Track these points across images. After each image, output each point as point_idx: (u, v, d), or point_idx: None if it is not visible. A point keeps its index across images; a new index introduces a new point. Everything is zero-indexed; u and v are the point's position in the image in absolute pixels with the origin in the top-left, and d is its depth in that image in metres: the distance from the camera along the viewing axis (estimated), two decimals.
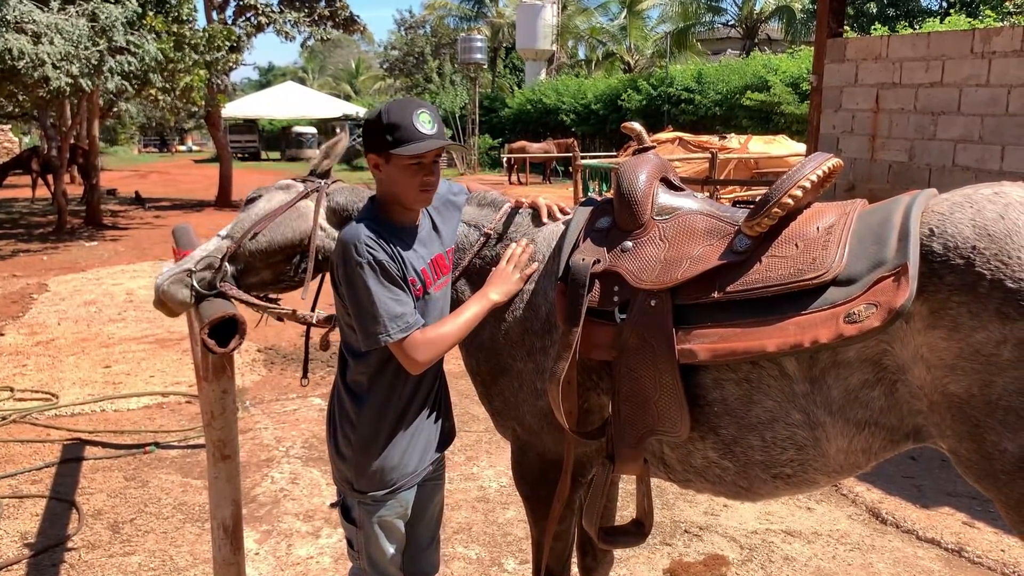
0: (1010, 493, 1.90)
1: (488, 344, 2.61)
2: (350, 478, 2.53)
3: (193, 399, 6.31)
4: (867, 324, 1.92)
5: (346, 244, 2.30)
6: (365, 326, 2.30)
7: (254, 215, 2.83)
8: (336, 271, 2.36)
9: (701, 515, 4.57)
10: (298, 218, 2.82)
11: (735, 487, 2.31)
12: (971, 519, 4.51)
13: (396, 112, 2.30)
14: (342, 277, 2.33)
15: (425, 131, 2.29)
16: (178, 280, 2.77)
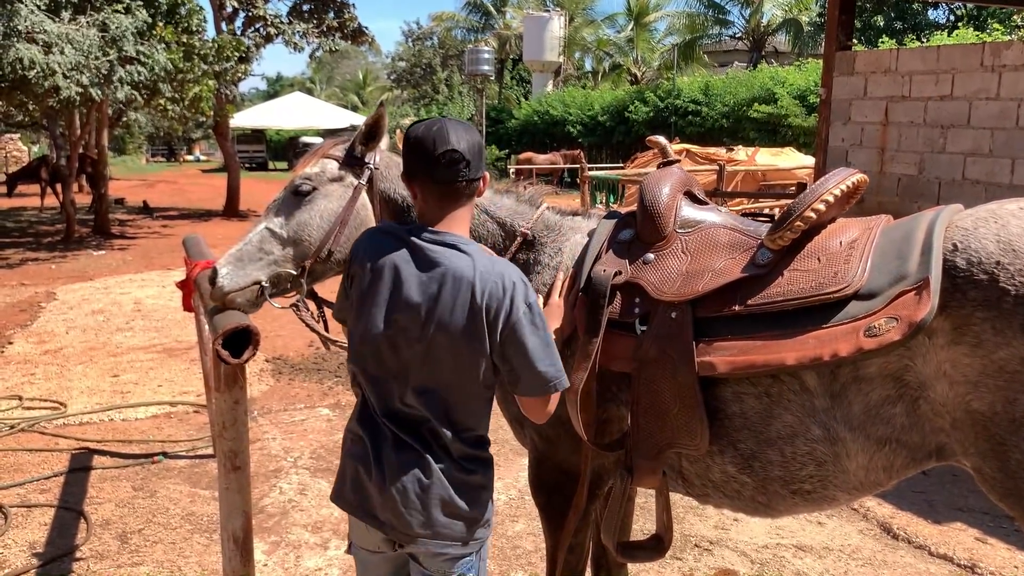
0: None
1: None
2: (465, 532, 2.19)
3: (201, 409, 6.30)
4: (887, 338, 1.91)
5: (523, 282, 2.09)
6: (547, 370, 2.07)
7: (318, 217, 2.64)
8: (496, 311, 2.05)
9: (712, 529, 4.54)
10: (362, 220, 2.66)
11: (754, 502, 2.30)
12: (984, 535, 4.47)
13: (419, 134, 2.14)
14: (513, 318, 2.05)
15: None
16: (249, 299, 2.67)
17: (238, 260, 2.64)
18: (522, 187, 2.83)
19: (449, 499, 2.13)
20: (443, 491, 2.13)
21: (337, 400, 6.74)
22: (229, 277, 2.64)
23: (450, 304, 2.06)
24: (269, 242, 2.66)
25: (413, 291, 2.09)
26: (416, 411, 2.14)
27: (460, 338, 2.07)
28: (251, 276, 2.64)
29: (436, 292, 2.07)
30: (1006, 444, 1.88)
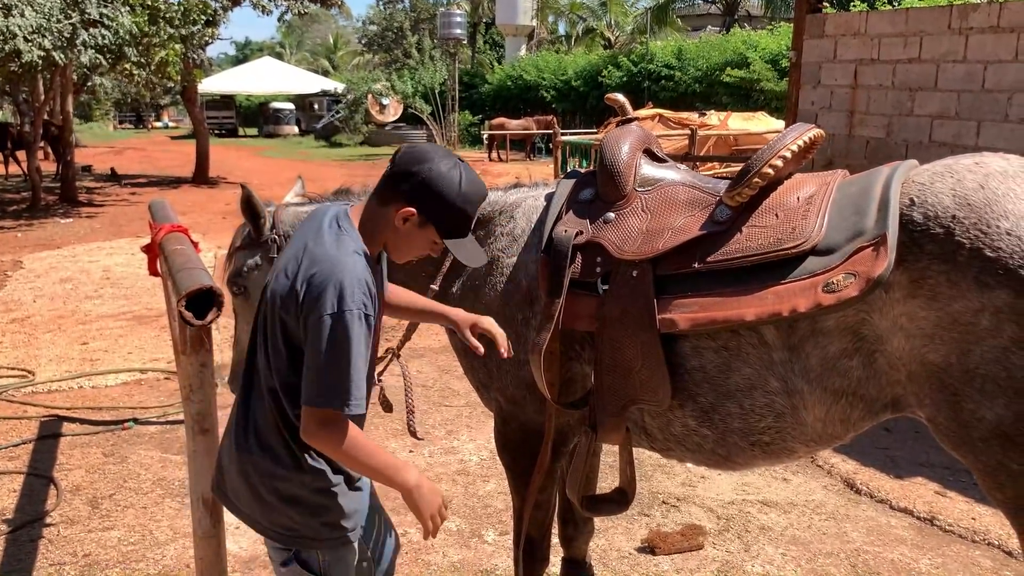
0: (987, 460, 1.94)
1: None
2: (304, 524, 2.14)
3: (172, 376, 6.27)
4: (845, 293, 1.94)
5: (344, 283, 1.92)
6: (325, 382, 1.92)
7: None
8: (302, 299, 1.96)
9: (679, 486, 4.62)
10: None
11: (714, 455, 2.34)
12: (943, 489, 4.59)
13: (470, 197, 2.01)
14: (316, 314, 1.93)
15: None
16: None
17: (238, 375, 2.73)
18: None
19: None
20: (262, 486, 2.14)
21: None
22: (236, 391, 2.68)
23: (284, 282, 2.01)
24: (245, 349, 2.66)
25: (282, 267, 2.06)
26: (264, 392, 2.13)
27: (284, 318, 2.01)
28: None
29: (285, 269, 2.03)
30: (959, 395, 1.92)
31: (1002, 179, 1.93)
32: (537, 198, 2.63)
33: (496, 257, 2.58)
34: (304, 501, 2.13)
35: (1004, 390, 1.86)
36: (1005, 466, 1.91)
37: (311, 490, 2.13)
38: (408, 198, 1.98)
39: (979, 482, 2.03)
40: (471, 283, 2.61)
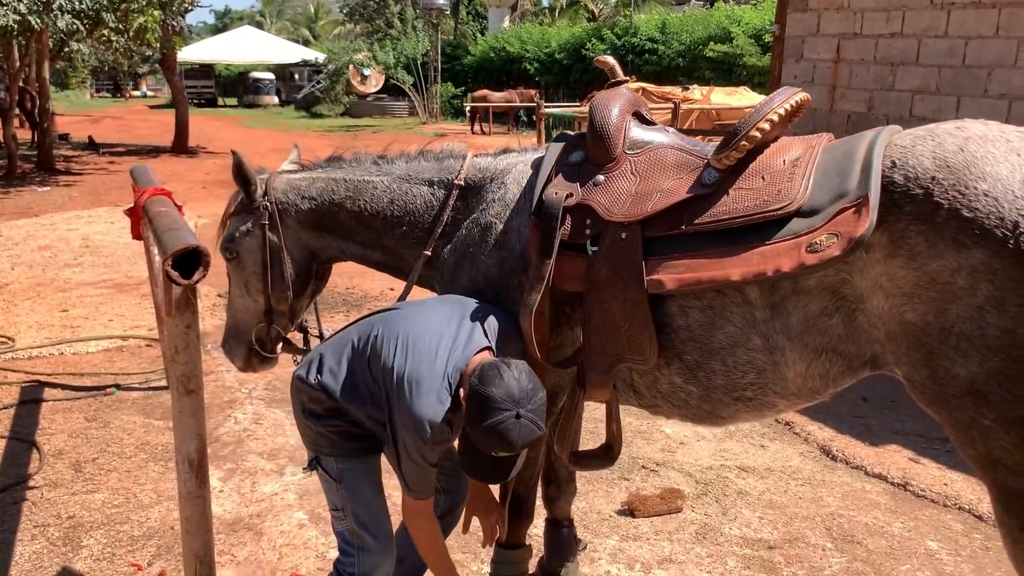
0: (960, 416, 1.99)
1: (467, 287, 2.65)
2: (320, 435, 2.53)
3: (154, 342, 6.27)
4: (828, 253, 1.98)
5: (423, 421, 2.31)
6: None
7: (251, 273, 2.95)
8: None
9: (658, 452, 4.69)
10: (290, 248, 2.96)
11: (699, 410, 2.39)
12: (917, 456, 4.68)
13: (487, 442, 2.19)
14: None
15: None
16: (260, 361, 3.15)
17: (231, 338, 3.09)
18: (434, 147, 2.90)
19: None
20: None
21: None
22: (230, 353, 3.11)
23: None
24: (238, 312, 3.04)
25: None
26: None
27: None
28: (242, 345, 3.04)
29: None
30: (935, 353, 1.97)
31: (981, 143, 1.97)
32: (527, 163, 2.64)
33: (490, 223, 2.60)
34: (319, 414, 2.48)
35: (978, 348, 1.90)
36: (977, 422, 1.96)
37: (324, 407, 2.46)
38: (464, 390, 2.24)
39: (952, 438, 2.08)
40: (466, 250, 2.64)
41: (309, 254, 2.91)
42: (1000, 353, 1.89)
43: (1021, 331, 1.86)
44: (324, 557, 3.56)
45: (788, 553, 3.68)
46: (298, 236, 2.88)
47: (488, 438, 2.15)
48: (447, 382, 2.27)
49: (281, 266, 2.86)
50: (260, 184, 2.85)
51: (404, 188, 2.78)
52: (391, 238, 2.80)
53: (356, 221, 2.83)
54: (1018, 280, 1.83)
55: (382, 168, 2.85)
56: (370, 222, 2.81)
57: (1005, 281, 1.85)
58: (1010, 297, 1.85)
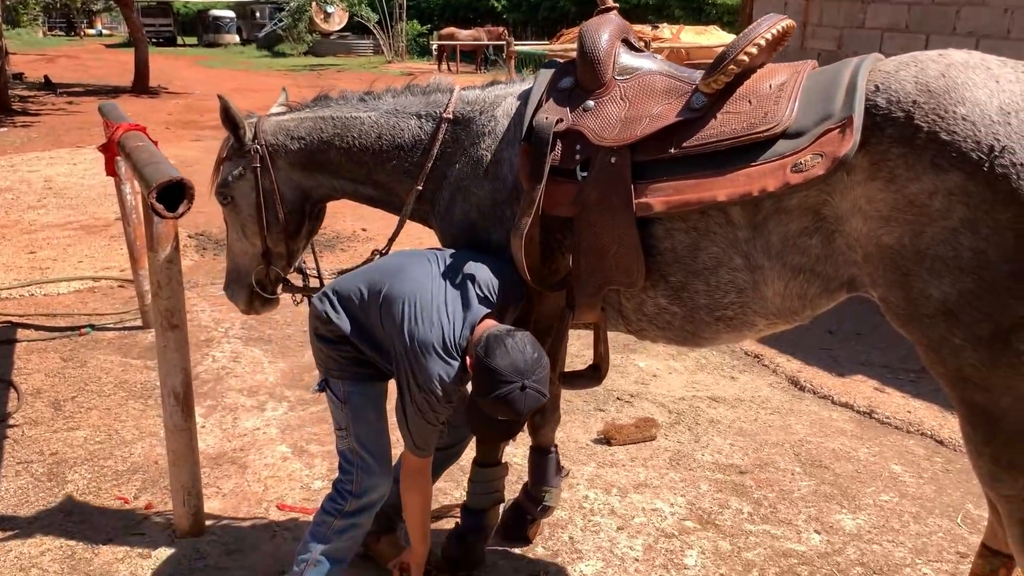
0: (932, 335, 2.08)
1: (462, 221, 2.68)
2: (330, 358, 2.60)
3: (126, 283, 6.23)
4: (812, 173, 2.04)
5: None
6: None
7: (247, 216, 2.97)
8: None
9: (632, 384, 4.80)
10: (282, 190, 2.98)
11: (683, 331, 2.46)
12: (881, 385, 4.84)
13: (492, 408, 2.28)
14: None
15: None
16: (262, 304, 3.17)
17: (232, 281, 3.12)
18: (419, 81, 2.90)
19: None
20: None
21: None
22: (232, 297, 3.14)
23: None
24: (237, 257, 3.07)
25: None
26: None
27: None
28: (243, 288, 3.08)
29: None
30: (911, 274, 2.04)
31: (962, 69, 2.02)
32: (515, 95, 2.66)
33: (481, 156, 2.62)
34: (331, 339, 2.56)
35: (951, 269, 1.98)
36: (948, 340, 2.04)
37: (337, 335, 2.54)
38: (471, 359, 2.32)
39: (923, 357, 2.17)
40: (459, 184, 2.66)
41: (301, 194, 2.93)
42: (972, 274, 1.96)
43: (992, 252, 1.93)
44: (309, 488, 3.63)
45: (759, 477, 3.82)
46: (289, 177, 2.90)
47: (495, 406, 2.25)
48: (455, 344, 2.35)
49: (275, 208, 2.88)
50: (249, 128, 2.86)
51: (392, 122, 2.78)
52: (381, 173, 2.82)
53: (346, 158, 2.84)
54: (991, 203, 1.90)
55: (369, 104, 2.85)
56: (359, 158, 2.82)
57: (979, 203, 1.91)
58: (983, 219, 1.92)
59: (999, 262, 1.94)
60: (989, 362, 2.02)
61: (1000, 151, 1.89)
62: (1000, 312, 1.97)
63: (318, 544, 2.59)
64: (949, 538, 3.39)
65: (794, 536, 3.37)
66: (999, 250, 1.93)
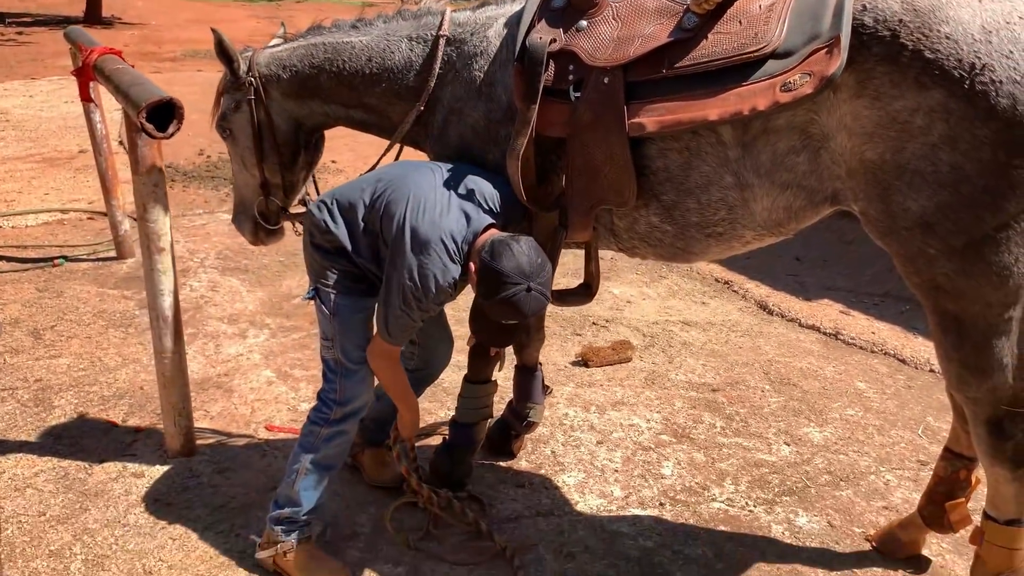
0: (909, 247, 2.18)
1: (457, 143, 2.72)
2: (322, 270, 2.65)
3: (96, 215, 6.17)
4: (801, 91, 2.11)
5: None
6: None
7: (245, 148, 3.04)
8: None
9: (607, 310, 4.91)
10: (276, 121, 3.04)
11: (673, 248, 2.55)
12: (847, 309, 5.01)
13: (496, 312, 2.33)
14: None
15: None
16: (268, 235, 3.22)
17: (239, 213, 3.19)
18: (409, 6, 2.90)
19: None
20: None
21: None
22: (239, 228, 3.21)
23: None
24: (240, 189, 3.15)
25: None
26: None
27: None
28: (248, 219, 3.15)
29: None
30: (890, 188, 2.14)
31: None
32: (507, 15, 2.68)
33: (474, 77, 2.65)
34: (326, 249, 2.60)
35: (930, 183, 2.08)
36: (924, 251, 2.15)
37: (334, 246, 2.58)
38: (475, 264, 2.38)
39: (900, 268, 2.28)
40: (453, 106, 2.69)
41: (295, 124, 2.98)
42: (949, 187, 2.06)
43: (969, 167, 2.03)
44: (296, 410, 3.71)
45: (730, 394, 3.97)
46: (283, 107, 2.94)
47: (501, 309, 2.31)
48: (456, 248, 2.39)
49: (272, 138, 2.94)
50: (244, 61, 2.90)
51: (382, 46, 2.80)
52: (372, 96, 2.84)
53: (336, 82, 2.86)
54: (971, 119, 1.99)
55: (361, 30, 2.88)
56: (349, 81, 2.84)
57: (959, 120, 2.00)
58: (962, 135, 2.01)
59: (975, 176, 2.03)
60: (961, 271, 2.13)
61: (981, 69, 1.97)
62: (974, 224, 2.08)
63: (307, 453, 2.67)
64: (910, 448, 3.57)
65: (765, 448, 3.53)
66: (976, 165, 2.03)
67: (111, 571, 2.72)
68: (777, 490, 3.24)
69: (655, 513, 3.08)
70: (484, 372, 3.07)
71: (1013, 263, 2.11)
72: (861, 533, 3.00)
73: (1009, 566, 2.40)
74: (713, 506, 3.13)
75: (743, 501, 3.17)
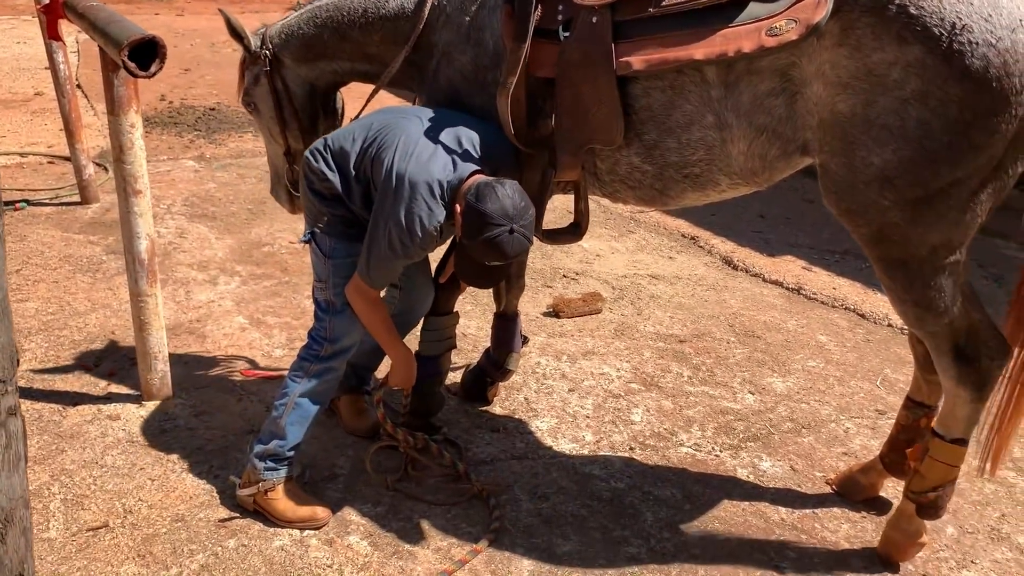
0: (863, 199, 2.26)
1: (446, 87, 2.73)
2: (319, 213, 2.69)
3: (55, 159, 6.06)
4: (786, 37, 2.15)
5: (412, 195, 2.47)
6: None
7: (268, 118, 3.12)
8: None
9: (577, 263, 4.98)
10: (292, 89, 3.10)
11: (652, 190, 2.60)
12: (809, 265, 5.14)
13: (482, 251, 2.37)
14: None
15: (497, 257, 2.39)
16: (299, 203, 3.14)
17: (275, 184, 3.28)
18: None
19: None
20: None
21: (200, 152, 6.62)
22: (278, 199, 3.30)
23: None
24: (272, 159, 3.23)
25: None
26: None
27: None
28: (282, 189, 3.23)
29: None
30: (856, 143, 2.21)
31: None
32: None
33: (463, 21, 2.66)
34: (323, 195, 2.65)
35: (896, 138, 2.15)
36: (877, 203, 2.24)
37: (331, 192, 2.63)
38: (460, 206, 2.42)
39: (848, 222, 2.36)
40: (443, 50, 2.71)
41: (309, 87, 3.04)
42: (914, 143, 2.14)
43: (935, 123, 2.11)
44: (270, 356, 3.73)
45: (697, 345, 4.08)
46: (296, 73, 3.00)
47: (484, 250, 2.35)
48: (442, 191, 2.43)
49: (291, 105, 3.01)
50: (256, 37, 2.97)
51: (376, 2, 2.83)
52: (371, 45, 2.88)
53: (338, 37, 2.91)
54: (944, 76, 2.06)
55: None
56: (348, 34, 2.89)
57: (933, 76, 2.07)
58: (934, 92, 2.08)
59: (940, 133, 2.11)
60: (910, 220, 2.23)
61: (960, 29, 2.03)
62: (931, 179, 2.17)
63: (296, 386, 2.71)
64: (869, 398, 3.71)
65: (730, 396, 3.64)
66: (942, 121, 2.10)
67: (91, 510, 2.74)
68: (742, 436, 3.36)
69: (625, 456, 3.18)
70: (448, 304, 3.12)
71: (961, 215, 2.22)
72: (822, 477, 3.13)
73: (944, 480, 2.54)
74: (681, 450, 3.24)
75: (710, 446, 3.28)
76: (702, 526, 2.83)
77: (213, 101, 8.13)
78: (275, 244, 4.92)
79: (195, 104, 7.99)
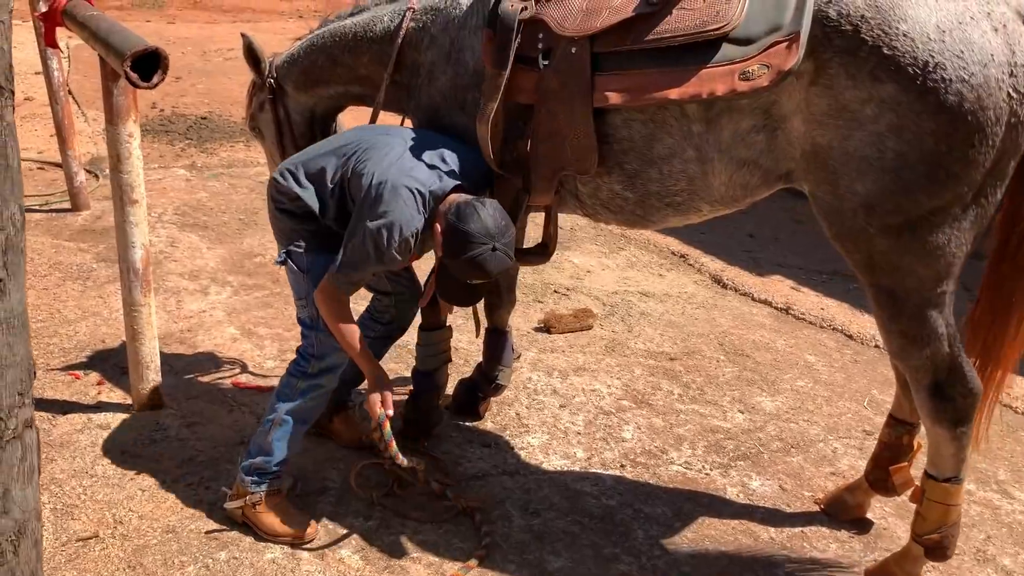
0: (851, 226, 2.32)
1: (427, 104, 2.78)
2: (295, 232, 2.70)
3: (46, 165, 6.04)
4: (757, 83, 2.20)
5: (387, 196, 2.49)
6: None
7: (272, 143, 3.23)
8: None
9: (568, 279, 5.00)
10: (295, 118, 3.22)
11: (632, 215, 2.64)
12: (798, 285, 5.18)
13: (462, 270, 2.41)
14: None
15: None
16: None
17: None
18: None
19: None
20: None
21: (192, 161, 6.61)
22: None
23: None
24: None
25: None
26: None
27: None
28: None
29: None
30: (837, 173, 2.26)
31: None
32: None
33: (445, 42, 2.71)
34: (295, 213, 2.67)
35: (875, 169, 2.20)
36: (864, 230, 2.29)
37: (303, 210, 2.64)
38: (441, 225, 2.43)
39: (841, 248, 2.40)
40: (428, 70, 2.75)
41: (309, 114, 3.15)
42: (892, 173, 2.20)
43: (911, 155, 2.17)
44: (262, 367, 3.72)
45: (687, 363, 4.10)
46: (297, 100, 3.11)
47: (466, 268, 2.39)
48: (424, 200, 2.45)
49: (291, 132, 3.11)
50: (269, 64, 3.08)
51: (366, 19, 2.92)
52: (361, 67, 2.95)
53: (331, 63, 2.98)
54: (918, 111, 2.11)
55: (353, 13, 3.01)
56: (340, 59, 2.96)
57: (907, 112, 2.12)
58: (909, 126, 2.14)
59: (917, 164, 2.17)
60: (896, 249, 2.28)
61: (933, 67, 2.09)
62: (912, 207, 2.22)
63: (284, 404, 2.71)
64: (857, 418, 3.75)
65: (720, 415, 3.67)
66: (919, 154, 2.16)
67: (81, 520, 2.73)
68: (732, 455, 3.38)
69: (616, 474, 3.19)
70: (437, 319, 3.15)
71: (945, 243, 2.26)
72: (810, 496, 3.15)
73: (946, 521, 2.56)
74: (672, 468, 3.25)
75: (700, 464, 3.29)
76: (692, 544, 2.85)
77: (205, 110, 8.13)
78: (267, 255, 4.92)
79: (186, 113, 7.98)
